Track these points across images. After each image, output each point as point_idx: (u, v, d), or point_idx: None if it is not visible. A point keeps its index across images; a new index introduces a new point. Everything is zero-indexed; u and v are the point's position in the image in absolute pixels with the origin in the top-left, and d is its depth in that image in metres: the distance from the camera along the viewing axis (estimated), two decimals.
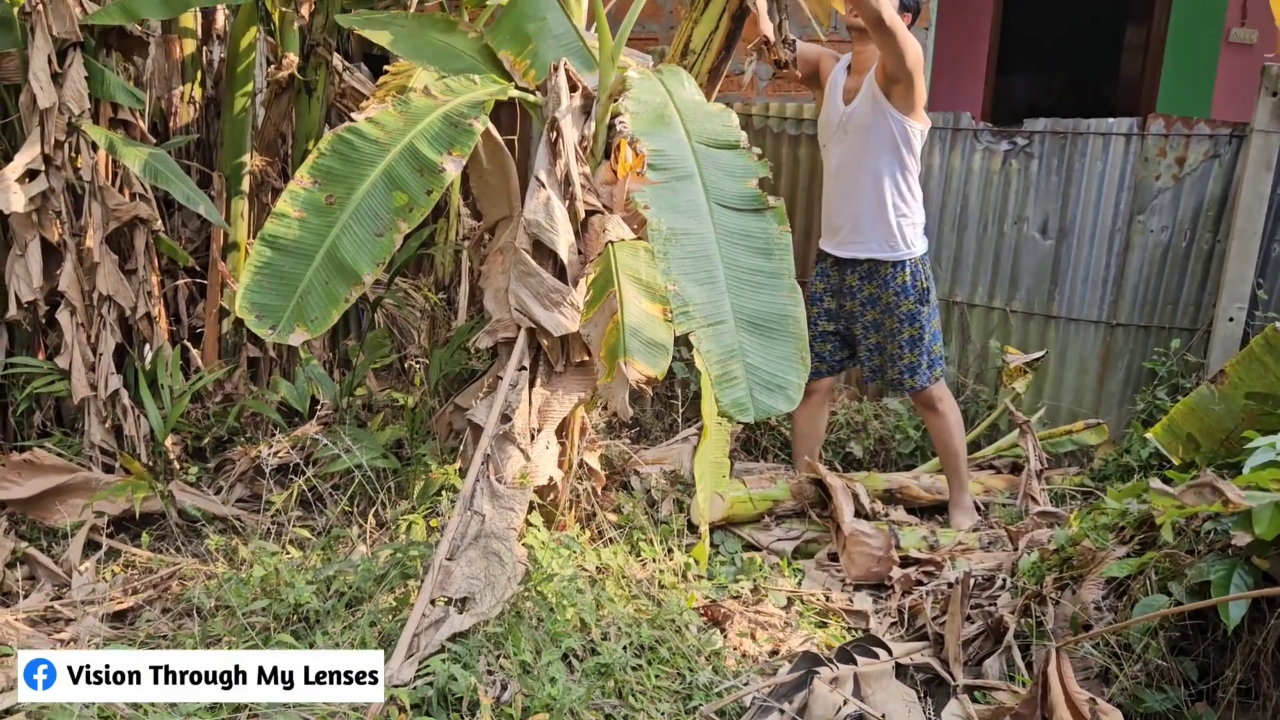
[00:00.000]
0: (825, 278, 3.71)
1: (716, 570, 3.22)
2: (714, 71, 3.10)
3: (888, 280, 3.54)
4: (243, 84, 3.82)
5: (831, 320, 3.73)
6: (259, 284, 2.45)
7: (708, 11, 3.05)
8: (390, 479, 3.33)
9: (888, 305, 3.56)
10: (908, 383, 3.61)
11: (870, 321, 3.62)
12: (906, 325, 3.56)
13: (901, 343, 3.58)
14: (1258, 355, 2.44)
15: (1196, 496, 1.89)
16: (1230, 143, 4.03)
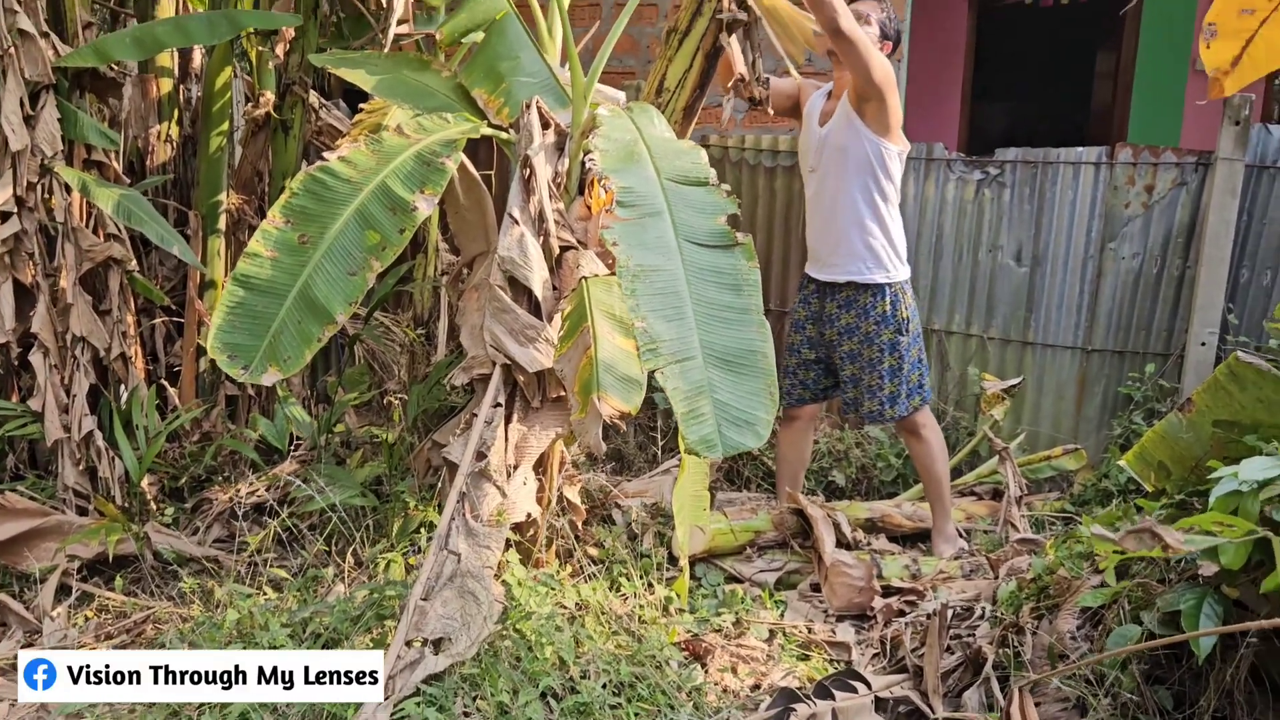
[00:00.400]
0: (807, 304, 3.72)
1: (698, 603, 3.20)
2: (689, 109, 3.13)
3: (867, 309, 3.54)
4: (218, 123, 3.84)
5: (813, 348, 3.74)
6: (231, 324, 2.45)
7: (682, 50, 3.08)
8: (369, 517, 3.32)
9: (867, 334, 3.56)
10: (888, 413, 3.60)
11: (848, 351, 3.62)
12: (886, 355, 3.56)
13: (881, 373, 3.57)
14: (1223, 384, 2.46)
15: (1136, 542, 1.90)
16: (1196, 170, 4.09)
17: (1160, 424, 2.64)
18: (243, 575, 3.02)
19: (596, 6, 5.28)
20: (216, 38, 3.46)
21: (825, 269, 3.61)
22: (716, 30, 3.05)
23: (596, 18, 5.26)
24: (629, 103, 3.00)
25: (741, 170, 4.80)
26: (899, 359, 3.57)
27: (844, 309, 3.58)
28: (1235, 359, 2.44)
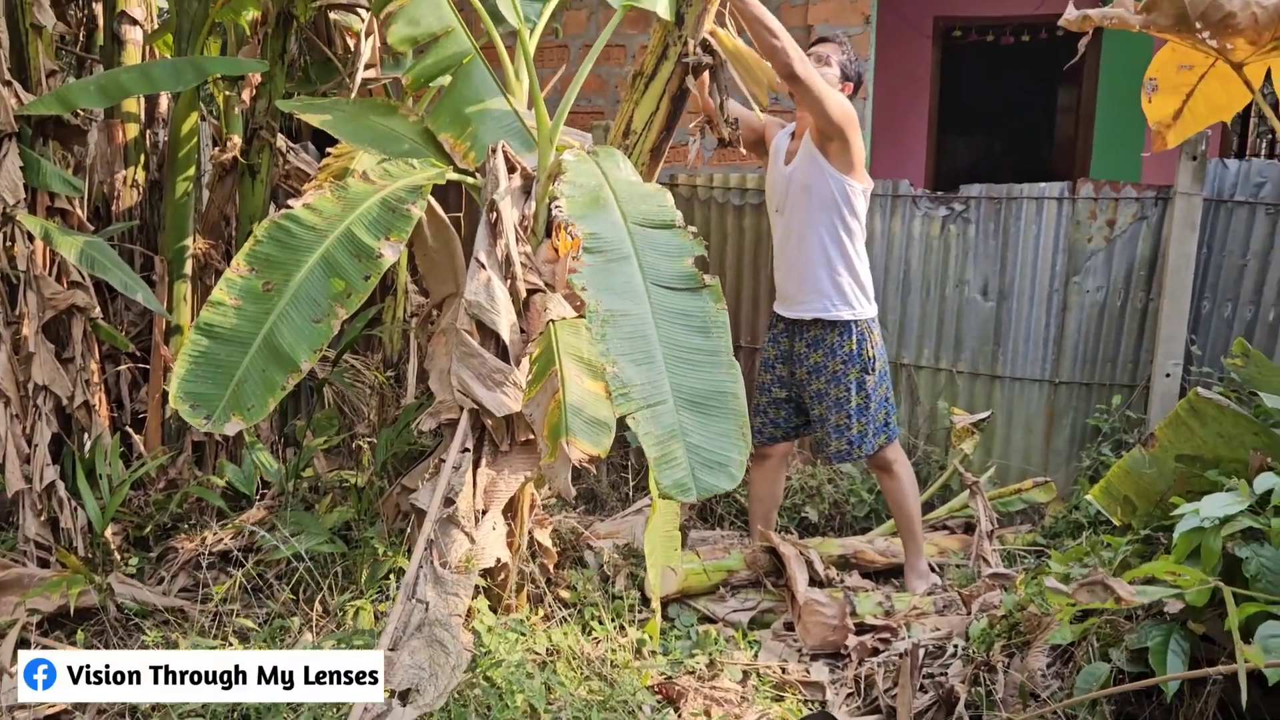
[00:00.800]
0: (776, 344, 3.73)
1: (672, 645, 3.18)
2: (655, 150, 3.16)
3: (834, 347, 3.56)
4: (185, 168, 3.82)
5: (784, 387, 3.74)
6: (194, 373, 2.43)
7: (648, 93, 3.11)
8: (337, 564, 3.28)
9: (834, 373, 3.57)
10: (855, 452, 3.60)
11: (816, 390, 3.62)
12: (854, 393, 3.56)
13: (849, 411, 3.57)
14: (1184, 419, 2.49)
15: (1090, 594, 1.91)
16: (1156, 205, 4.16)
17: (1125, 459, 2.67)
18: (208, 627, 2.97)
19: (564, 48, 5.33)
20: (182, 85, 3.45)
21: (792, 306, 3.63)
22: (682, 73, 3.09)
23: (564, 59, 5.31)
24: (595, 147, 3.02)
25: (710, 209, 4.84)
26: (865, 398, 3.58)
27: (812, 348, 3.60)
28: (1195, 394, 2.48)
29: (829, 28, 4.93)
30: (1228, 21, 1.71)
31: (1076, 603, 1.93)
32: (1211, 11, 1.74)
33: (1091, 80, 6.90)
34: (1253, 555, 1.96)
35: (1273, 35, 1.72)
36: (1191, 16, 1.75)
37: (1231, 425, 2.42)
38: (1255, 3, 1.73)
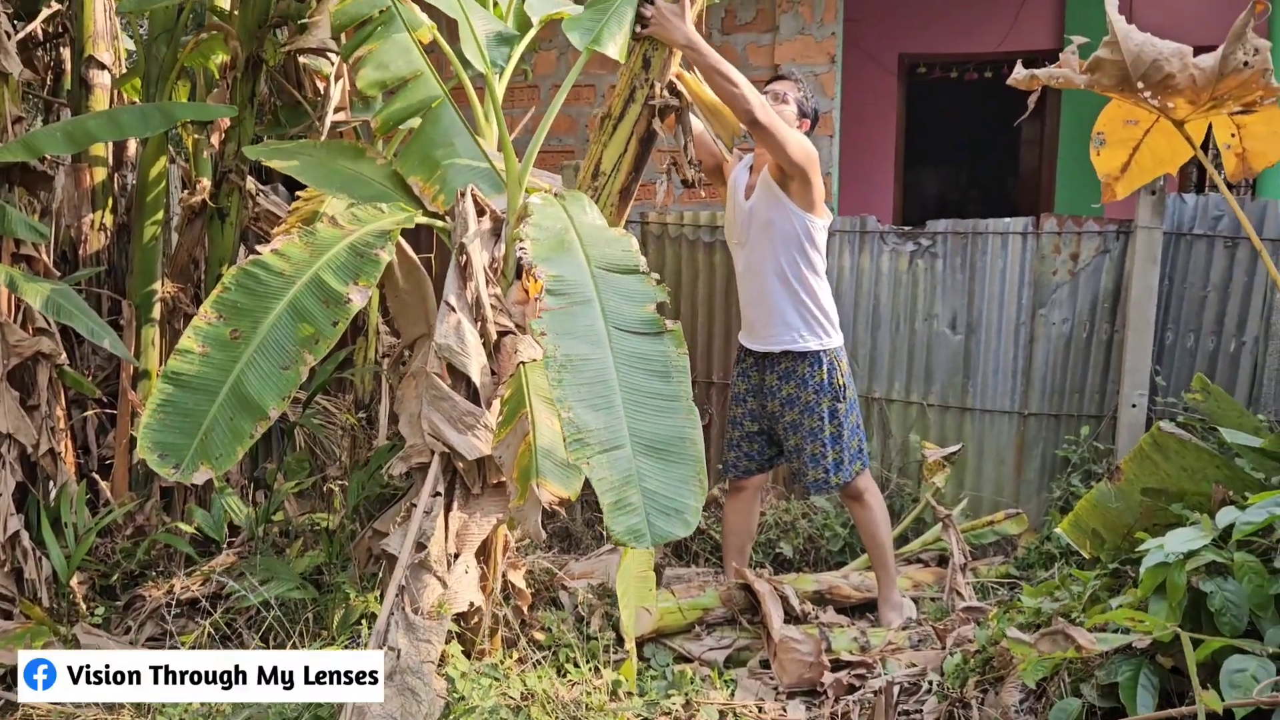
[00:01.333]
0: (746, 378, 3.75)
1: (647, 686, 3.16)
2: (624, 191, 3.19)
3: (805, 379, 3.58)
4: (153, 212, 3.81)
5: (755, 420, 3.75)
6: (161, 422, 2.41)
7: (616, 135, 3.15)
8: (308, 609, 3.24)
9: (807, 404, 3.59)
10: (832, 480, 3.62)
11: (790, 422, 3.64)
12: (827, 423, 3.59)
13: (823, 440, 3.59)
14: (1148, 453, 2.52)
15: (1051, 644, 1.93)
16: (1118, 238, 4.23)
17: (1092, 493, 2.70)
18: None
19: (535, 88, 5.37)
20: (150, 130, 3.45)
21: (760, 340, 3.65)
22: (650, 116, 3.13)
23: (535, 99, 5.35)
24: (561, 190, 3.04)
25: (681, 246, 4.87)
26: (839, 425, 3.61)
27: (784, 380, 3.62)
28: (1158, 429, 2.51)
29: (796, 67, 5.00)
30: (1167, 82, 1.77)
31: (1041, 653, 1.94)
32: (1152, 72, 1.80)
33: (1054, 114, 7.03)
34: (1217, 590, 1.98)
35: (1211, 95, 1.77)
36: (1133, 77, 1.81)
37: (1194, 459, 2.46)
38: (1193, 65, 1.78)
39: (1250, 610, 1.99)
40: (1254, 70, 1.72)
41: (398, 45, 3.21)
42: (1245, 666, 1.85)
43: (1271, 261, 2.64)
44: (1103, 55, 1.80)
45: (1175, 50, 1.77)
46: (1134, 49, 1.75)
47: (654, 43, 3.06)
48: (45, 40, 4.38)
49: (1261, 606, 1.99)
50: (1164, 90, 1.76)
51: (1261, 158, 1.92)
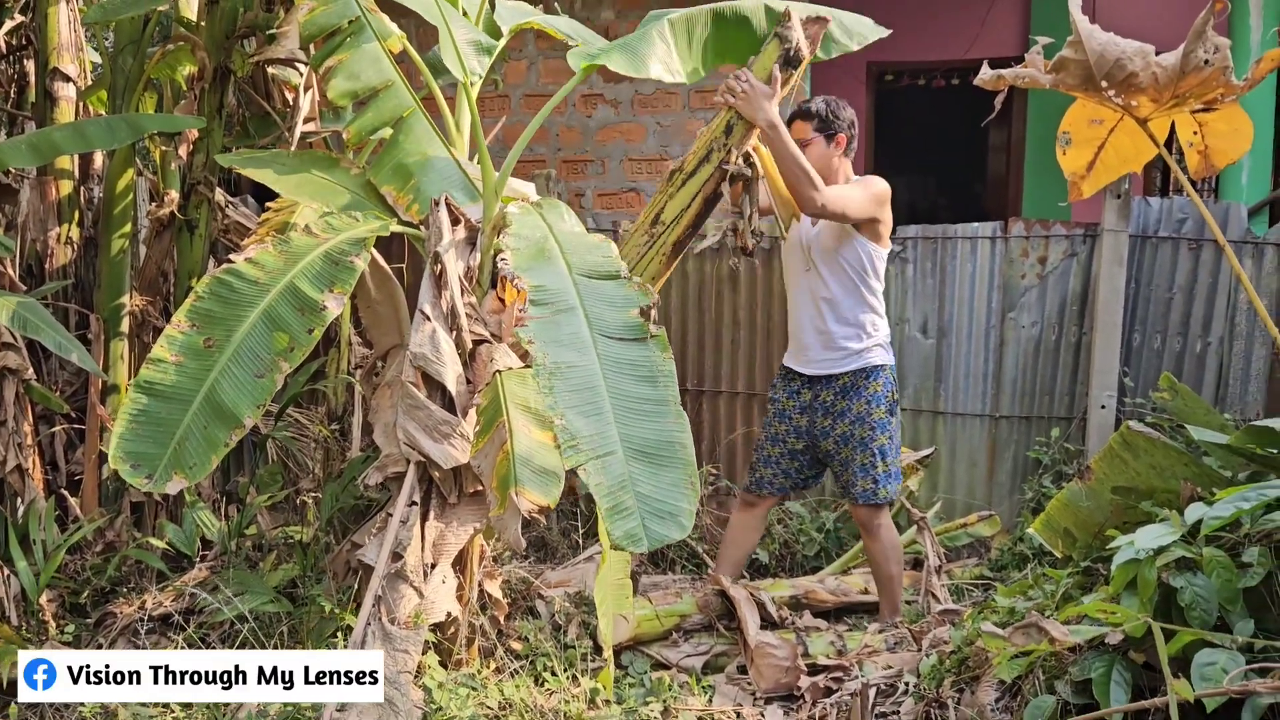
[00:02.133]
0: (796, 396, 3.65)
1: (625, 693, 3.15)
2: (678, 244, 3.18)
3: (861, 390, 3.53)
4: (120, 225, 3.77)
5: (800, 437, 3.66)
6: (134, 432, 2.39)
7: (684, 190, 3.15)
8: (283, 623, 3.21)
9: (859, 415, 3.53)
10: (880, 493, 3.54)
11: (841, 434, 3.57)
12: (879, 434, 3.53)
13: (874, 451, 3.53)
14: (1117, 451, 2.56)
15: (1025, 637, 1.96)
16: (1085, 242, 4.30)
17: (1063, 492, 2.73)
18: None
19: (505, 98, 5.38)
20: (117, 142, 3.42)
21: (815, 366, 3.58)
22: (719, 179, 3.14)
23: (505, 109, 5.36)
24: (539, 198, 3.05)
25: None
26: (889, 438, 3.56)
27: (840, 395, 3.56)
28: (1127, 428, 2.55)
29: None
30: (1131, 81, 1.81)
31: (1015, 645, 1.96)
32: (1115, 72, 1.83)
33: (1020, 121, 7.13)
34: (1186, 585, 2.01)
35: (1173, 93, 1.81)
36: (1097, 76, 1.84)
37: (1163, 457, 2.50)
38: (1155, 64, 1.82)
39: (1220, 604, 2.02)
40: (1214, 68, 1.76)
41: (368, 55, 3.21)
42: (1215, 659, 1.88)
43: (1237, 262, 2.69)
44: (1067, 55, 1.84)
45: (1138, 49, 1.81)
46: (1097, 48, 1.79)
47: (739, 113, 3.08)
48: (9, 52, 4.34)
49: (1230, 600, 2.02)
50: (1127, 89, 1.80)
51: (1223, 155, 1.97)
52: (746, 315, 4.70)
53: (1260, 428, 2.39)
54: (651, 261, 3.14)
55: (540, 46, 5.35)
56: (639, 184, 5.35)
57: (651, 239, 3.15)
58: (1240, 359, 4.26)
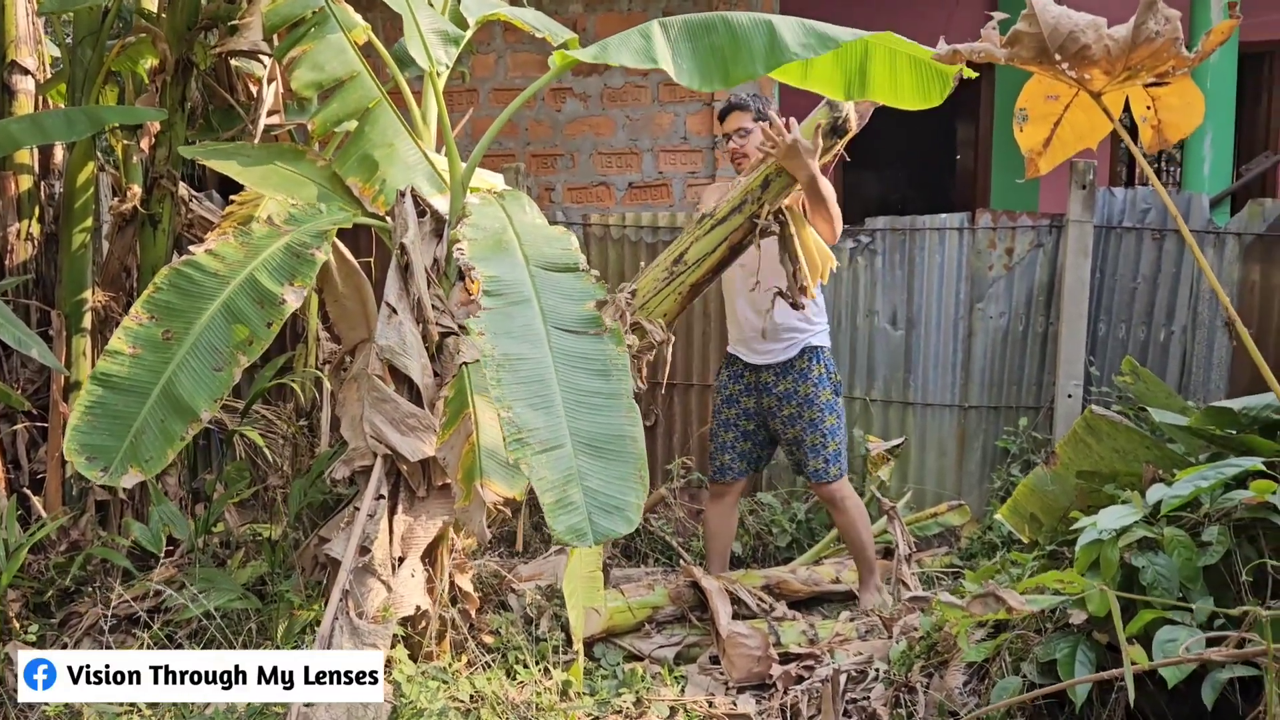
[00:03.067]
0: (739, 379, 3.77)
1: (598, 685, 3.15)
2: (696, 286, 3.19)
3: (805, 372, 3.64)
4: (81, 219, 3.72)
5: (750, 418, 3.78)
6: (90, 424, 2.36)
7: (711, 235, 3.15)
8: (251, 620, 3.18)
9: (807, 396, 3.64)
10: (832, 470, 3.66)
11: (789, 415, 3.68)
12: (827, 414, 3.65)
13: (824, 431, 3.64)
14: (1081, 436, 2.59)
15: (983, 606, 1.97)
16: (1051, 233, 4.33)
17: (1029, 477, 2.75)
18: None
19: (473, 91, 5.35)
20: (76, 135, 3.37)
21: (762, 355, 3.68)
22: (748, 230, 3.16)
23: (473, 102, 5.33)
24: (502, 189, 3.03)
25: (624, 247, 4.87)
26: (837, 417, 3.68)
27: (781, 375, 3.67)
28: (1090, 413, 2.57)
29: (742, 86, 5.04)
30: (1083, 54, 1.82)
31: (972, 615, 1.98)
32: (1069, 44, 1.85)
33: (988, 115, 7.18)
34: (1148, 564, 2.04)
35: (1125, 65, 1.83)
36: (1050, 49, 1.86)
37: (1125, 440, 2.52)
38: (1107, 36, 1.84)
39: (1181, 582, 2.05)
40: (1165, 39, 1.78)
41: (332, 46, 3.19)
42: (1176, 636, 1.90)
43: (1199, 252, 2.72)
44: (1021, 28, 1.86)
45: (1090, 21, 1.83)
46: (1051, 21, 1.81)
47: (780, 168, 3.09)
48: None
49: (1191, 579, 2.05)
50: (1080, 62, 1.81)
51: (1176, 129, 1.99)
52: (716, 308, 4.70)
53: (1218, 409, 2.42)
54: (667, 299, 3.17)
55: (509, 40, 5.33)
56: (609, 178, 5.34)
57: (671, 276, 3.17)
58: (1203, 347, 4.31)
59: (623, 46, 2.68)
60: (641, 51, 2.64)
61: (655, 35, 2.70)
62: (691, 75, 2.68)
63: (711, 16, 2.77)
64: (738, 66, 2.66)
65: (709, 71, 2.68)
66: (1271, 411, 2.33)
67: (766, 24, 2.70)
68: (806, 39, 2.65)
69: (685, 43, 2.71)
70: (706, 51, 2.68)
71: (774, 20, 2.72)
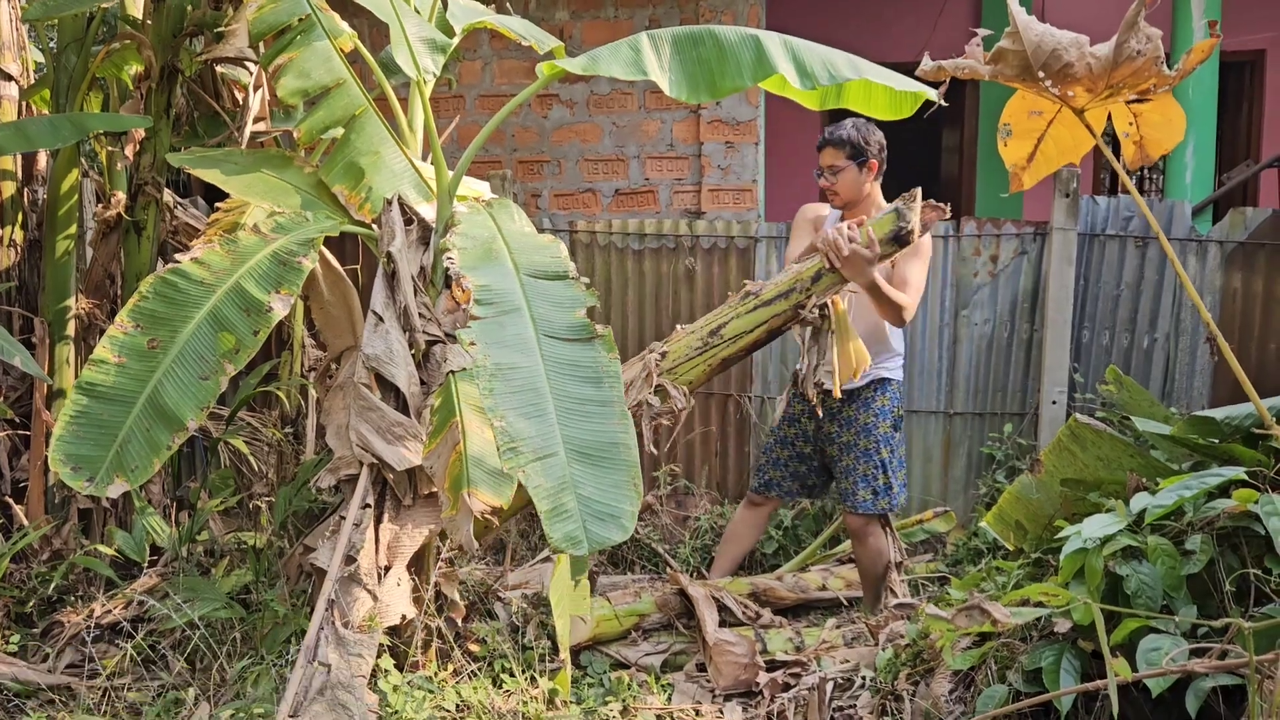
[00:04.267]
0: (805, 400, 3.62)
1: (585, 693, 3.15)
2: (727, 360, 3.19)
3: (869, 402, 3.57)
4: (65, 226, 3.70)
5: (808, 442, 3.71)
6: (75, 434, 2.35)
7: (754, 314, 3.16)
8: (236, 629, 3.16)
9: (865, 426, 3.56)
10: (881, 503, 3.57)
11: (846, 442, 3.60)
12: (882, 446, 3.56)
13: (877, 463, 3.56)
14: (1066, 444, 2.60)
15: (968, 619, 1.98)
16: (1035, 240, 4.36)
17: (1014, 485, 2.77)
18: (96, 704, 2.83)
19: (460, 98, 5.35)
20: (60, 141, 3.35)
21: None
22: (790, 318, 3.17)
23: (459, 109, 5.33)
24: (489, 198, 3.03)
25: (610, 254, 4.88)
26: (892, 452, 3.59)
27: (846, 402, 3.57)
28: (1075, 421, 2.59)
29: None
30: (1066, 71, 1.84)
31: (957, 627, 1.99)
32: (1052, 62, 1.87)
33: (972, 122, 7.22)
34: (1132, 573, 2.05)
35: (1107, 83, 1.85)
36: (1034, 66, 1.88)
37: (1109, 449, 2.54)
38: (1090, 54, 1.86)
39: (1164, 591, 2.06)
40: (1146, 58, 1.80)
41: (319, 53, 3.17)
42: (1159, 645, 1.92)
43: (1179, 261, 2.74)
44: (1005, 46, 1.88)
45: (1073, 40, 1.85)
46: (1034, 39, 1.83)
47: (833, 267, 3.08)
48: None
49: (1174, 587, 2.06)
50: (1063, 79, 1.83)
51: (1157, 145, 2.01)
52: (704, 314, 4.71)
53: (1201, 418, 2.44)
54: (696, 367, 3.18)
55: (495, 47, 5.33)
56: (595, 184, 5.35)
57: (705, 347, 3.18)
58: (1186, 354, 4.35)
59: (612, 59, 2.68)
60: (631, 63, 2.65)
61: (644, 47, 2.70)
62: (680, 87, 2.69)
63: (699, 30, 2.78)
64: (725, 79, 2.67)
65: (696, 83, 2.69)
66: (1253, 422, 2.35)
67: (754, 38, 2.71)
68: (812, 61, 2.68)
69: (674, 55, 2.72)
70: (694, 63, 2.69)
71: (760, 35, 2.73)
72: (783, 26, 6.31)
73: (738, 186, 5.21)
